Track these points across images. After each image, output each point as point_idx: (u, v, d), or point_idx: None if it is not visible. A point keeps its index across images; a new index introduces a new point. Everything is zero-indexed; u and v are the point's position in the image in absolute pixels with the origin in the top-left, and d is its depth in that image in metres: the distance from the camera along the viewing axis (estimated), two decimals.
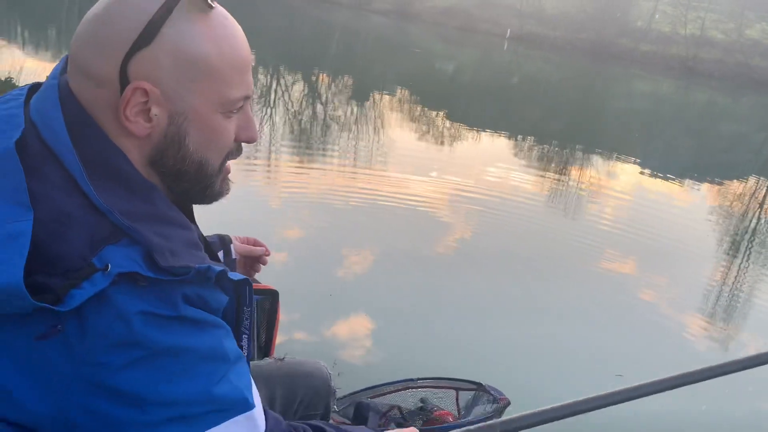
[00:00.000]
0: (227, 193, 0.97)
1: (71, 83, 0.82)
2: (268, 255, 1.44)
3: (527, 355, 4.36)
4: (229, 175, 1.00)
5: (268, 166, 8.22)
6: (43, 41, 16.02)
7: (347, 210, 7.00)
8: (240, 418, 0.82)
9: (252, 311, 0.93)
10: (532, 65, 35.05)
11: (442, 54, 33.30)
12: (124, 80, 0.78)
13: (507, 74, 29.04)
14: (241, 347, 0.92)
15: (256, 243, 1.45)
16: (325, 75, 19.29)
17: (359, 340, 4.31)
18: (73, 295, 0.69)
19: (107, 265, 0.72)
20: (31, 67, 10.08)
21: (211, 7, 0.82)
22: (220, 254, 1.32)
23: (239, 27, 0.88)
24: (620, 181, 11.13)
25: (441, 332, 4.51)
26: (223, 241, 1.36)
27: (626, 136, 17.23)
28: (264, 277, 1.27)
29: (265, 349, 1.34)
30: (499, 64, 33.66)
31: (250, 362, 1.21)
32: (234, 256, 1.36)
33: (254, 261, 1.47)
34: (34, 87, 0.87)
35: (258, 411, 0.86)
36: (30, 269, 0.68)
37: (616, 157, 13.17)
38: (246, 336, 0.94)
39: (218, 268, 0.81)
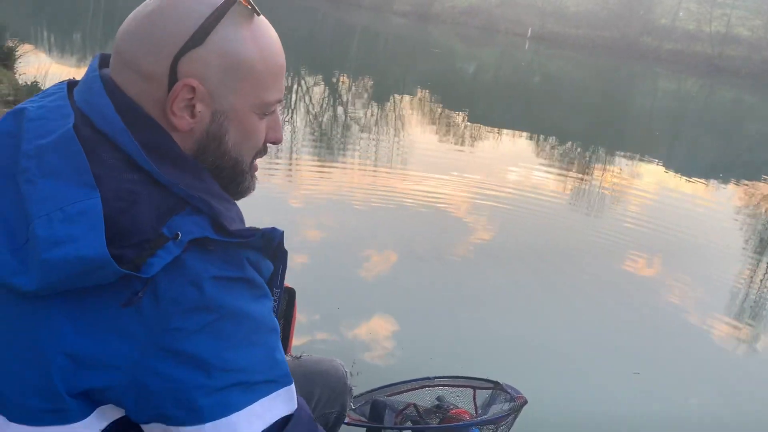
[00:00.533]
0: (254, 190, 1.02)
1: (116, 77, 0.85)
2: None
3: (545, 353, 4.33)
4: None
5: (290, 166, 8.28)
6: (69, 46, 16.29)
7: (367, 210, 7.02)
8: (283, 392, 0.85)
9: (280, 293, 1.00)
10: (553, 64, 34.80)
11: (463, 54, 33.22)
12: (173, 77, 0.83)
13: (528, 74, 28.86)
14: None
15: None
16: (345, 76, 19.35)
17: (377, 339, 4.32)
18: (150, 264, 0.74)
19: (177, 234, 0.75)
20: (56, 71, 10.25)
21: (257, 14, 0.87)
22: None
23: (277, 35, 0.93)
24: (643, 181, 11.01)
25: (459, 331, 4.50)
26: None
27: (650, 135, 17.03)
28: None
29: (283, 347, 1.34)
30: (520, 63, 33.47)
31: None
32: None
33: None
34: (71, 83, 0.91)
35: (294, 387, 0.88)
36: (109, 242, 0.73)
37: (640, 156, 13.03)
38: (276, 313, 0.99)
39: (280, 230, 0.88)
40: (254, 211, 1.27)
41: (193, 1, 0.83)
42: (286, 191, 7.20)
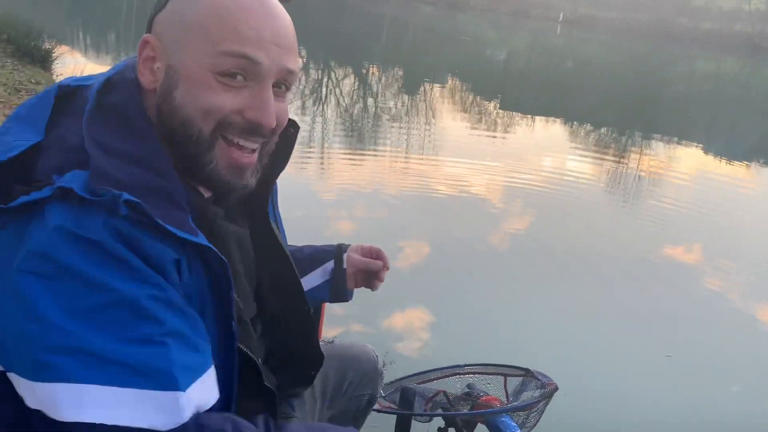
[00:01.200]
0: (240, 187, 0.93)
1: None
2: (387, 270, 1.37)
3: (577, 338, 4.30)
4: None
5: (321, 158, 8.31)
6: (104, 46, 16.60)
7: (399, 200, 7.01)
8: (158, 394, 0.73)
9: (230, 293, 0.85)
10: (586, 49, 34.22)
11: (493, 41, 32.89)
12: (144, 40, 0.89)
13: (561, 59, 28.45)
14: (230, 329, 0.87)
15: (378, 255, 1.40)
16: (375, 68, 19.33)
17: (408, 329, 4.33)
18: (17, 200, 0.76)
19: (54, 180, 0.77)
20: (92, 71, 10.43)
21: None
22: (324, 267, 1.32)
23: (267, 3, 0.89)
24: (681, 166, 10.77)
25: (491, 321, 4.48)
26: (339, 250, 1.39)
27: (687, 118, 16.65)
28: None
29: (316, 317, 1.34)
30: (552, 48, 33.00)
31: None
32: (344, 267, 1.34)
33: (371, 276, 1.41)
34: None
35: (187, 398, 0.75)
36: (12, 177, 0.79)
37: (677, 140, 12.75)
38: (234, 322, 0.87)
39: (129, 197, 0.76)
40: (286, 203, 1.25)
41: None
42: (318, 183, 7.24)
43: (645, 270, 5.81)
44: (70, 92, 0.89)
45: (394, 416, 1.49)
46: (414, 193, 7.33)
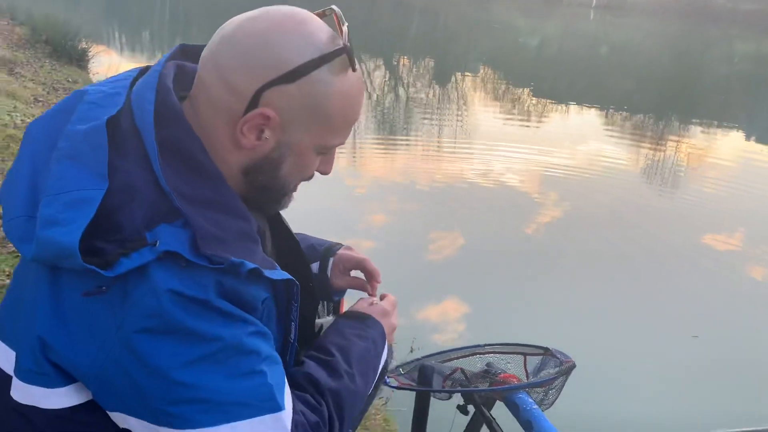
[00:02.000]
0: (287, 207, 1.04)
1: (203, 72, 0.89)
2: (377, 284, 1.28)
3: (598, 322, 4.33)
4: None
5: (354, 152, 8.33)
6: (138, 44, 16.92)
7: (431, 192, 7.02)
8: (267, 418, 0.83)
9: (297, 307, 0.94)
10: (621, 34, 33.57)
11: (525, 28, 32.49)
12: (255, 101, 0.85)
13: (594, 45, 27.97)
14: (289, 335, 0.95)
15: (363, 268, 1.30)
16: (406, 59, 19.30)
17: (450, 322, 4.35)
18: (121, 263, 0.76)
19: (156, 241, 0.77)
20: (127, 69, 10.67)
21: (354, 70, 0.90)
22: (312, 266, 1.26)
23: (362, 90, 0.97)
24: (722, 150, 10.52)
25: (513, 304, 4.48)
26: (326, 253, 1.29)
27: (727, 101, 16.24)
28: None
29: (335, 311, 1.36)
30: (585, 34, 32.46)
31: (318, 319, 1.24)
32: (328, 274, 1.28)
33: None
34: (143, 70, 0.95)
35: (287, 414, 0.85)
36: (93, 233, 0.76)
37: (717, 124, 12.45)
38: (294, 324, 0.95)
39: (251, 265, 0.82)
40: (321, 200, 1.28)
41: (301, 39, 0.86)
42: (350, 176, 7.27)
43: (673, 253, 5.73)
44: (112, 122, 0.85)
45: (414, 394, 1.51)
46: (446, 184, 7.32)
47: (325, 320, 1.24)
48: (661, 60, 24.04)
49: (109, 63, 10.49)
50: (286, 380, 0.88)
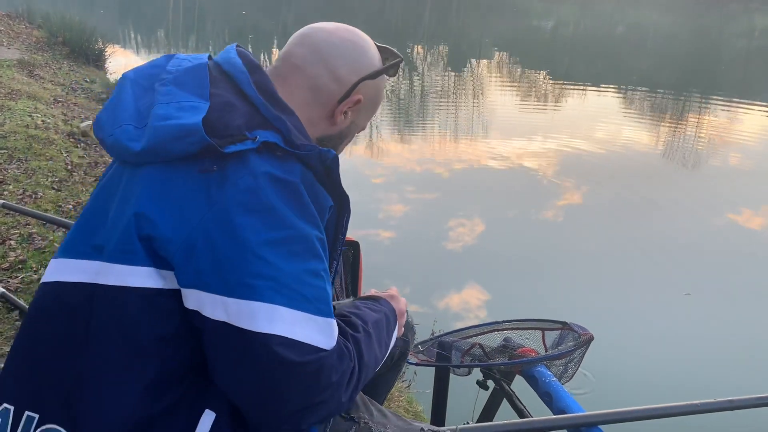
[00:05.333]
0: None
1: (303, 63, 1.10)
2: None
3: (619, 300, 4.36)
4: None
5: (371, 143, 8.32)
6: (153, 43, 17.03)
7: (450, 180, 7.01)
8: (320, 320, 0.92)
9: (341, 241, 1.10)
10: (637, 11, 33.02)
11: (540, 10, 32.10)
12: (352, 88, 1.10)
13: (611, 24, 27.57)
14: (334, 268, 1.09)
15: None
16: (420, 47, 19.20)
17: (472, 309, 4.35)
18: (229, 147, 0.92)
19: (256, 137, 0.94)
20: None
21: (396, 76, 1.21)
22: None
23: None
24: (744, 126, 10.34)
25: (539, 289, 4.47)
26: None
27: (749, 77, 15.94)
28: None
29: (353, 294, 1.41)
30: (601, 14, 32.00)
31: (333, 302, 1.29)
32: None
33: None
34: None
35: (335, 325, 0.95)
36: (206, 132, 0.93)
37: (738, 101, 12.23)
38: (336, 263, 1.10)
39: (334, 152, 1.01)
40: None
41: (375, 50, 1.16)
42: (367, 166, 7.28)
43: (693, 230, 5.69)
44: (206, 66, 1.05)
45: (434, 370, 1.53)
46: (463, 171, 7.31)
47: (343, 301, 1.29)
48: (679, 37, 23.64)
49: (125, 63, 10.60)
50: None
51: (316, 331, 0.91)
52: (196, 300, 0.90)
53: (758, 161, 8.09)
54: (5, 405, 0.96)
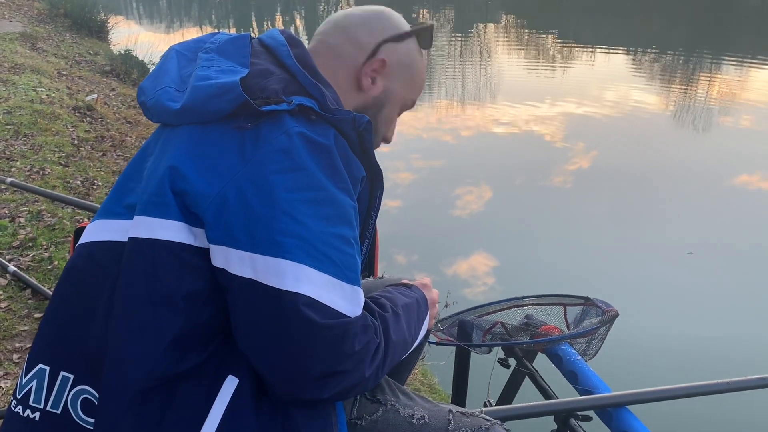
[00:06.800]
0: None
1: (329, 38, 1.13)
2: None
3: (630, 264, 4.32)
4: None
5: None
6: (156, 13, 16.83)
7: (458, 146, 6.94)
8: (347, 286, 0.91)
9: (374, 219, 1.11)
10: None
11: None
12: (374, 52, 1.10)
13: None
14: (365, 247, 1.09)
15: None
16: (425, 11, 18.89)
17: (479, 276, 4.33)
18: (265, 106, 0.93)
19: (292, 100, 0.95)
20: (147, 39, 10.65)
21: (429, 48, 1.19)
22: None
23: None
24: (757, 86, 10.15)
25: (563, 262, 4.43)
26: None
27: (761, 35, 15.62)
28: (381, 219, 1.29)
29: (369, 271, 1.39)
30: None
31: None
32: None
33: None
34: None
35: (362, 294, 0.95)
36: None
37: (750, 60, 12.01)
38: (368, 241, 1.11)
39: (367, 117, 1.01)
40: None
41: (401, 17, 1.17)
42: None
43: (704, 193, 5.62)
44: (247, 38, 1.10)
45: (454, 349, 1.50)
46: (471, 137, 7.23)
47: (364, 281, 1.26)
48: None
49: (128, 33, 10.47)
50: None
51: (341, 297, 0.90)
52: (224, 257, 0.89)
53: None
54: (41, 365, 0.97)
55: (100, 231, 1.00)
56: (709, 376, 1.24)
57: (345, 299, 0.90)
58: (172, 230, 0.91)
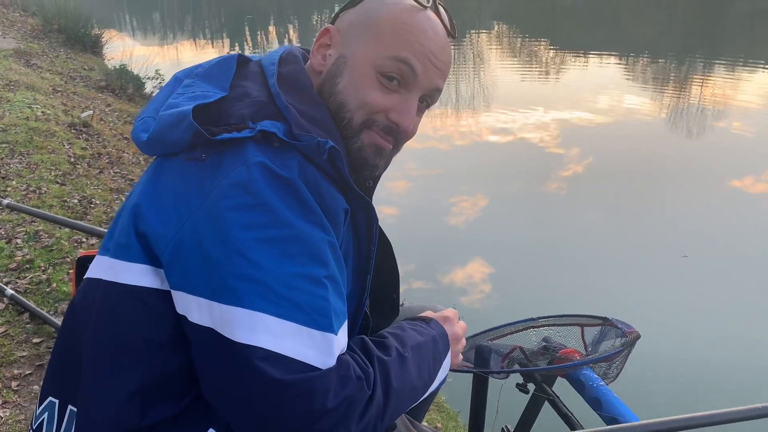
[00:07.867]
0: (379, 168, 1.05)
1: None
2: None
3: (652, 289, 4.18)
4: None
5: None
6: (150, 27, 16.82)
7: (453, 154, 6.92)
8: (316, 333, 0.80)
9: (378, 227, 0.99)
10: None
11: None
12: (325, 31, 1.03)
13: None
14: (365, 283, 0.99)
15: None
16: None
17: (477, 284, 4.29)
18: (222, 135, 0.85)
19: (256, 126, 0.86)
20: (141, 53, 10.61)
21: (424, 7, 1.00)
22: None
23: (438, 30, 1.02)
24: (750, 90, 10.18)
25: (560, 271, 4.39)
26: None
27: (754, 39, 15.71)
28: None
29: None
30: None
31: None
32: None
33: None
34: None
35: (337, 341, 0.82)
36: (207, 121, 0.88)
37: (742, 64, 12.05)
38: (369, 276, 1.00)
39: (332, 143, 0.89)
40: None
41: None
42: None
43: (701, 197, 5.60)
44: (243, 61, 1.03)
45: (471, 374, 1.46)
46: (465, 146, 7.21)
47: None
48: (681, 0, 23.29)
49: (122, 47, 10.44)
50: (346, 315, 0.87)
51: (310, 347, 0.79)
52: (184, 303, 0.82)
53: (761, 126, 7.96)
54: (51, 398, 0.95)
55: (95, 267, 0.96)
56: (717, 398, 1.19)
57: (315, 348, 0.79)
58: (134, 273, 0.86)
